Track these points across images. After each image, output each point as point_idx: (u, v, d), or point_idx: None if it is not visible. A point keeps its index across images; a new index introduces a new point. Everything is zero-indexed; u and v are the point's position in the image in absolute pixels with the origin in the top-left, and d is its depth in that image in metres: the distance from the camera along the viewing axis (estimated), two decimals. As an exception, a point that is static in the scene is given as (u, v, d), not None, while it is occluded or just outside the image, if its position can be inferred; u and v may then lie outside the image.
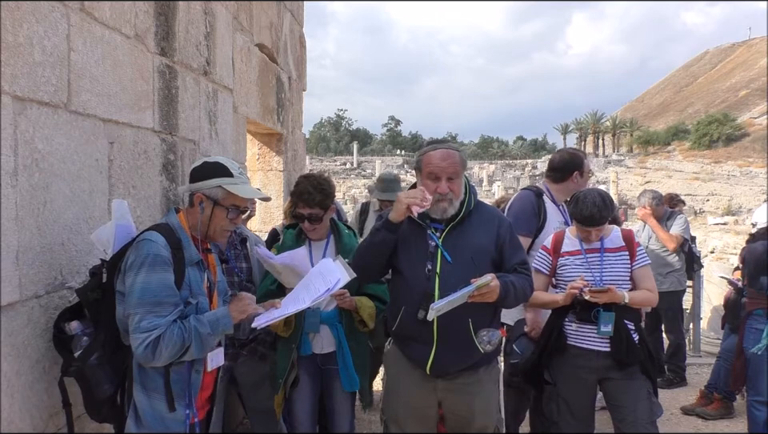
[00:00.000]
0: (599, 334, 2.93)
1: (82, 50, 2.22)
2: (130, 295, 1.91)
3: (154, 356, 1.88)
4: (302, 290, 2.31)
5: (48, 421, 2.07)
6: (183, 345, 1.91)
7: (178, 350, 1.91)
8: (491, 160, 58.39)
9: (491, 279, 2.36)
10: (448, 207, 2.51)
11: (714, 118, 49.81)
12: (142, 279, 1.90)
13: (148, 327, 1.87)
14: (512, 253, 2.61)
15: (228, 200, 2.08)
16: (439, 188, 2.47)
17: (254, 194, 2.15)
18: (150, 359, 1.89)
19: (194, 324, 1.93)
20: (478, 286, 2.32)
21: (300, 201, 2.93)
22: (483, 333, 2.51)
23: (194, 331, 1.93)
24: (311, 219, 2.91)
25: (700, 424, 4.61)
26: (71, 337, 2.01)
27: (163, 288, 1.91)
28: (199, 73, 3.32)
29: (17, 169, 1.88)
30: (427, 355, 2.50)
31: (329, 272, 2.34)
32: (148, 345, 1.87)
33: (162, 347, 1.87)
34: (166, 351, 1.88)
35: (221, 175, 2.07)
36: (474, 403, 2.60)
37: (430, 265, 2.50)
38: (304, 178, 3.04)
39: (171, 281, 1.94)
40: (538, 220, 3.39)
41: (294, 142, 5.78)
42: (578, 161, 3.56)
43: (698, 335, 6.76)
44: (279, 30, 5.07)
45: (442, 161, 2.48)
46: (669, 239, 5.37)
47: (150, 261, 1.91)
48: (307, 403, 2.93)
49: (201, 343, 1.95)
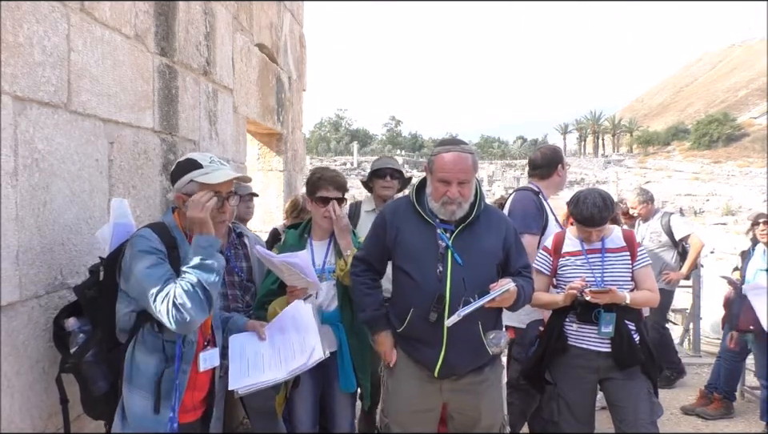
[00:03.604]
0: (600, 334, 2.93)
1: (81, 50, 2.22)
2: (137, 288, 1.90)
3: (185, 313, 1.83)
4: (278, 336, 2.35)
5: (47, 421, 2.07)
6: (197, 284, 1.86)
7: (201, 293, 1.86)
8: (491, 160, 58.44)
9: (511, 285, 2.38)
10: (457, 210, 2.50)
11: (713, 118, 49.84)
12: (141, 268, 1.89)
13: (162, 296, 1.85)
14: (517, 256, 2.63)
15: (204, 191, 2.05)
16: (449, 192, 2.47)
17: (226, 176, 2.09)
18: (184, 321, 1.84)
19: (188, 267, 1.89)
20: (501, 293, 2.34)
21: (327, 184, 2.88)
22: (492, 335, 2.51)
23: (196, 268, 1.89)
24: (339, 201, 2.88)
25: (700, 424, 4.61)
26: (69, 333, 2.02)
27: (165, 271, 1.91)
28: (199, 73, 3.32)
29: (17, 169, 1.88)
30: (436, 358, 2.50)
31: (303, 328, 2.36)
32: (171, 308, 1.83)
33: (180, 303, 1.83)
34: (188, 300, 1.83)
35: (191, 170, 2.07)
36: (480, 403, 2.59)
37: (441, 267, 2.49)
38: (319, 168, 3.04)
39: (168, 267, 1.94)
40: (542, 218, 3.43)
41: (294, 142, 5.78)
42: (559, 155, 3.75)
43: (698, 335, 6.75)
44: (279, 30, 5.07)
45: (455, 166, 2.47)
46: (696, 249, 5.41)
47: (146, 251, 1.92)
48: (307, 403, 2.93)
49: (209, 268, 1.91)
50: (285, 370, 2.23)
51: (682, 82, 77.11)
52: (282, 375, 2.23)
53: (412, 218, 2.59)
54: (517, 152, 77.85)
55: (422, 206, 2.58)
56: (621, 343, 2.92)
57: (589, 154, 70.81)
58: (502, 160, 59.20)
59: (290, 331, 2.35)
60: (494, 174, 46.75)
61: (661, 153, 50.44)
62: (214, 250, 1.97)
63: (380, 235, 2.66)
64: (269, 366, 2.24)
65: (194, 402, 2.13)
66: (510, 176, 45.31)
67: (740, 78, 63.46)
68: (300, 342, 2.30)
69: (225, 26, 3.71)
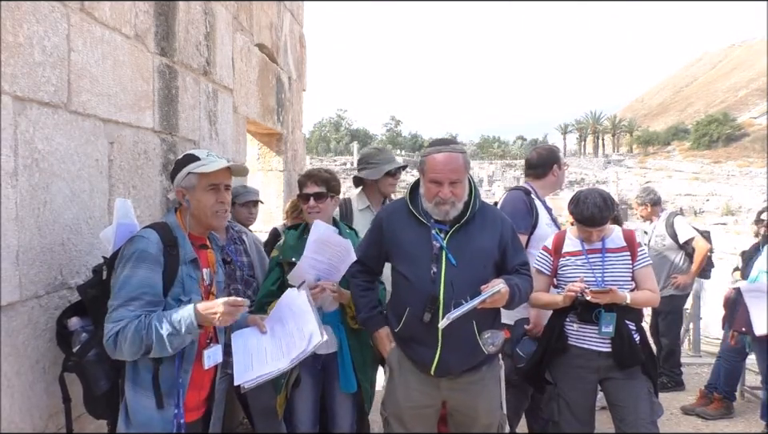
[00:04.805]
0: (600, 334, 2.93)
1: (82, 50, 2.22)
2: (112, 288, 1.95)
3: (115, 349, 1.90)
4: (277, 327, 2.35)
5: (48, 421, 2.07)
6: (142, 342, 1.88)
7: (138, 346, 1.89)
8: (491, 160, 58.46)
9: (502, 286, 2.37)
10: (450, 210, 2.51)
11: (713, 118, 49.85)
12: (126, 272, 1.94)
13: (115, 318, 1.90)
14: (514, 254, 2.63)
15: (203, 182, 2.10)
16: (441, 193, 2.48)
17: (221, 164, 2.12)
18: (112, 351, 1.91)
19: (154, 323, 1.89)
20: (491, 295, 2.34)
21: (308, 181, 2.92)
22: (487, 335, 2.51)
23: (154, 329, 1.89)
24: (317, 196, 2.89)
25: (700, 424, 4.61)
26: (72, 333, 2.03)
27: (142, 285, 1.93)
28: (199, 73, 3.32)
29: (17, 169, 1.88)
30: (432, 357, 2.51)
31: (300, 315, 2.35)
32: (110, 337, 1.89)
33: (120, 340, 1.88)
34: (125, 345, 1.88)
35: (189, 164, 2.12)
36: (478, 402, 2.60)
37: (435, 268, 2.49)
38: (308, 169, 3.06)
39: (154, 280, 1.96)
40: (531, 218, 3.45)
41: (294, 142, 5.78)
42: (555, 155, 3.74)
43: (698, 335, 6.75)
44: (279, 30, 5.07)
45: (445, 166, 2.48)
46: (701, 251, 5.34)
47: (136, 256, 1.95)
48: (308, 404, 2.93)
49: (163, 341, 1.89)
50: (287, 359, 2.22)
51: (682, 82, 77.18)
52: (284, 364, 2.22)
53: (407, 219, 2.60)
54: (517, 152, 77.84)
55: (417, 207, 2.59)
56: (621, 343, 2.92)
57: (589, 154, 70.87)
58: (501, 160, 59.21)
59: (288, 320, 2.35)
60: (494, 174, 46.75)
61: (661, 153, 50.47)
62: (190, 331, 1.93)
63: (376, 237, 2.69)
64: (272, 357, 2.24)
65: (196, 401, 2.14)
66: (510, 176, 45.31)
67: (740, 78, 63.50)
68: (299, 329, 2.30)
69: (225, 26, 3.71)
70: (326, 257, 2.66)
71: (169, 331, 1.89)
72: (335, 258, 2.67)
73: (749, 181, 44.06)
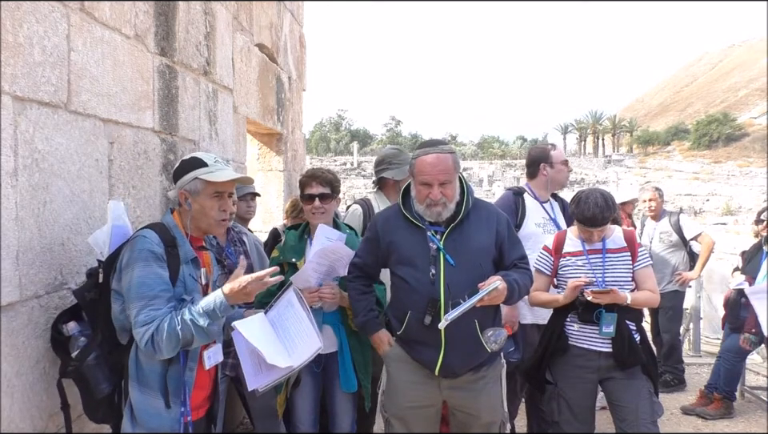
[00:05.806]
0: (601, 335, 2.93)
1: (81, 50, 2.22)
2: (128, 292, 1.93)
3: (155, 351, 1.90)
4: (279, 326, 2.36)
5: (48, 421, 2.07)
6: (179, 337, 1.90)
7: (176, 342, 1.90)
8: (491, 160, 58.45)
9: (498, 283, 2.37)
10: (442, 211, 2.52)
11: (713, 118, 49.84)
12: (137, 273, 1.92)
13: (146, 320, 1.89)
14: (511, 249, 2.63)
15: (208, 189, 2.10)
16: (431, 194, 2.49)
17: (230, 176, 2.14)
18: (152, 353, 1.91)
19: (187, 317, 1.91)
20: (488, 292, 2.33)
21: (312, 180, 2.93)
22: (489, 333, 2.52)
23: (189, 323, 1.91)
24: (322, 197, 2.90)
25: (700, 424, 4.61)
26: (68, 338, 2.02)
27: (159, 282, 1.94)
28: (199, 73, 3.32)
29: (17, 169, 1.88)
30: (436, 358, 2.51)
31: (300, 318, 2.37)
32: (147, 341, 1.88)
33: (158, 341, 1.88)
34: (164, 343, 1.88)
35: (196, 168, 2.11)
36: (479, 401, 2.61)
37: (433, 270, 2.50)
38: (309, 168, 3.06)
39: (166, 276, 1.97)
40: (516, 217, 3.49)
41: (294, 142, 5.78)
42: (543, 154, 3.72)
43: (698, 335, 6.75)
44: (279, 30, 5.07)
45: (433, 168, 2.49)
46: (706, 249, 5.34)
47: (144, 256, 1.94)
48: (308, 403, 2.93)
49: (203, 331, 1.94)
50: (295, 359, 2.24)
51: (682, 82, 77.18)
52: (295, 362, 2.25)
53: (402, 223, 2.61)
54: (517, 152, 77.84)
55: (410, 210, 2.60)
56: (622, 343, 2.92)
57: (589, 154, 70.89)
58: (501, 160, 59.21)
59: (289, 320, 2.35)
60: (494, 174, 46.75)
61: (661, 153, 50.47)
62: (224, 314, 1.99)
63: (373, 244, 2.70)
64: (280, 358, 2.25)
65: (199, 400, 2.14)
66: (510, 176, 45.32)
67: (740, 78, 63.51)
68: (299, 332, 2.31)
69: (225, 26, 3.71)
70: (328, 261, 2.69)
71: (207, 322, 1.93)
72: (338, 262, 2.72)
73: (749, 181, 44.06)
